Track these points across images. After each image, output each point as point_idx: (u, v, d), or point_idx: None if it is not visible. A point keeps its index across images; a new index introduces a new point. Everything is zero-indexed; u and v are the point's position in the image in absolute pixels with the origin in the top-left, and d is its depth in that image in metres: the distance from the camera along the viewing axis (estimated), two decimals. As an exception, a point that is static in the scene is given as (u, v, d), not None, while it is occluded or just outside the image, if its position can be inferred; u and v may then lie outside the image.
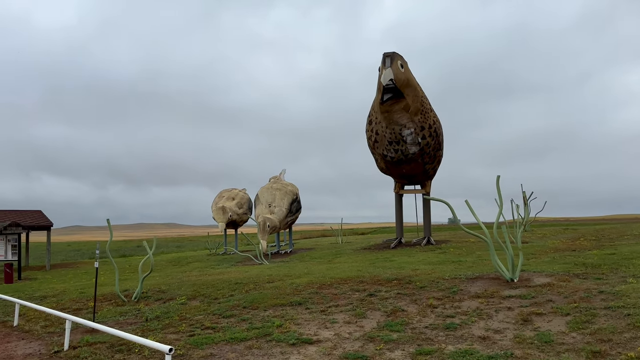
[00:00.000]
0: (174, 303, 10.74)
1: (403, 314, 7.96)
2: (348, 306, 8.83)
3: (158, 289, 12.88)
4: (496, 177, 9.88)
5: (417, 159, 19.66)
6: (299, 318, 8.28)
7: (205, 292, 11.54)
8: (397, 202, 22.73)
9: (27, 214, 25.22)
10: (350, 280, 11.14)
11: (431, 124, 19.29)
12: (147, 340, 5.92)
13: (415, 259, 15.31)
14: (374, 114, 19.66)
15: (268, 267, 17.12)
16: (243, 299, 10.17)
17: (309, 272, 13.45)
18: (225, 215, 27.12)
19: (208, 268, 19.42)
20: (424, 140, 19.13)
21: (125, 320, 9.58)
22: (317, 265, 15.93)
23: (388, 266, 13.59)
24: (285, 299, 9.78)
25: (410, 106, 18.39)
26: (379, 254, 18.15)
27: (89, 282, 17.43)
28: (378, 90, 18.43)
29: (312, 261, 18.36)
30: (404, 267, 12.87)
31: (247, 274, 14.69)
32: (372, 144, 20.04)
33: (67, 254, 43.61)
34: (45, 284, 17.99)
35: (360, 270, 12.98)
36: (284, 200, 24.31)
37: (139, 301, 11.55)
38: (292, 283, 11.38)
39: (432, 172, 21.42)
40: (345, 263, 16.03)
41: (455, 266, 12.63)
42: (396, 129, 18.78)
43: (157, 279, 15.90)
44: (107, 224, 11.77)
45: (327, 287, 10.64)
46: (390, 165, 20.08)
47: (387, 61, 17.28)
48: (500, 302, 8.21)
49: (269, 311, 9.00)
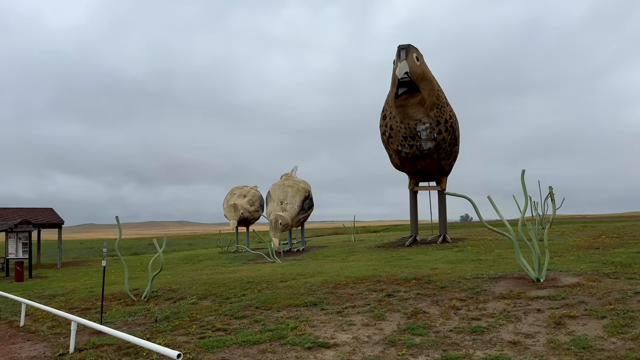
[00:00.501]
0: (184, 303, 10.40)
1: (425, 316, 7.51)
2: (365, 307, 8.40)
3: (168, 288, 12.57)
4: (521, 171, 9.37)
5: (432, 155, 19.14)
6: (314, 320, 7.87)
7: (216, 292, 11.19)
8: (411, 199, 22.22)
9: (38, 211, 25.16)
10: (366, 280, 10.70)
11: (447, 118, 18.75)
12: (155, 345, 5.56)
13: (433, 257, 14.82)
14: (388, 108, 19.17)
15: (280, 265, 16.75)
16: (255, 299, 9.79)
17: (322, 271, 13.04)
18: (237, 212, 26.82)
19: (219, 266, 19.11)
20: (440, 135, 18.60)
21: (134, 321, 9.26)
22: (330, 264, 15.51)
23: (405, 265, 13.14)
24: (299, 299, 9.38)
25: (425, 100, 17.87)
26: (394, 252, 17.68)
27: (99, 280, 17.22)
28: (392, 84, 17.94)
29: (325, 259, 17.96)
30: (422, 266, 12.40)
31: (259, 272, 14.33)
32: (386, 140, 19.56)
33: (80, 252, 43.74)
34: (55, 282, 17.82)
35: (376, 269, 12.54)
36: (296, 197, 23.93)
37: (149, 301, 11.24)
38: (306, 282, 10.98)
39: (448, 168, 20.87)
40: (360, 261, 15.60)
41: (475, 265, 12.13)
42: (411, 124, 18.28)
43: (167, 277, 15.61)
44: (121, 222, 11.48)
45: (343, 286, 10.21)
46: (405, 161, 19.58)
47: (402, 54, 16.78)
48: (528, 303, 7.72)
49: (283, 312, 8.61)
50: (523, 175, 9.35)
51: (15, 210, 24.41)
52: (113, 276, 18.60)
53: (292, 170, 27.93)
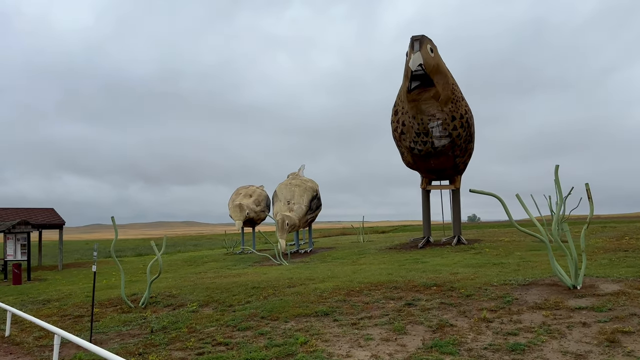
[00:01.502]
0: (184, 310, 9.58)
1: (452, 330, 6.63)
2: (383, 318, 7.53)
3: (168, 293, 11.76)
4: (555, 167, 8.45)
5: (447, 152, 18.22)
6: (326, 333, 7.01)
7: (219, 298, 10.36)
8: (424, 198, 21.32)
9: (38, 212, 24.49)
10: (381, 286, 9.83)
11: (462, 113, 17.83)
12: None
13: (450, 260, 13.91)
14: (400, 103, 18.27)
15: (287, 268, 15.90)
16: (261, 307, 8.95)
17: (333, 275, 12.18)
18: (243, 213, 26.02)
19: (224, 269, 18.30)
20: (455, 131, 17.68)
21: (129, 331, 8.45)
22: (341, 267, 14.65)
23: (421, 269, 12.24)
24: (309, 307, 8.52)
25: (440, 94, 16.97)
26: (408, 255, 16.78)
27: (98, 284, 16.46)
28: (405, 78, 17.05)
29: (335, 262, 17.09)
30: (441, 271, 11.50)
31: (266, 276, 13.49)
32: (398, 136, 18.66)
33: (84, 253, 43.14)
34: (53, 285, 17.08)
35: (390, 273, 11.66)
36: (304, 197, 23.09)
37: (147, 307, 10.44)
38: (316, 288, 10.12)
39: (463, 166, 19.95)
40: (372, 264, 14.72)
41: (498, 269, 11.21)
42: (425, 120, 17.38)
43: (169, 280, 14.82)
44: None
45: (356, 293, 9.34)
46: (418, 158, 18.67)
47: (416, 45, 15.89)
48: (570, 315, 6.82)
49: (291, 323, 7.76)
50: (557, 171, 8.43)
51: (15, 211, 23.76)
52: (113, 279, 17.85)
53: (299, 169, 27.09)
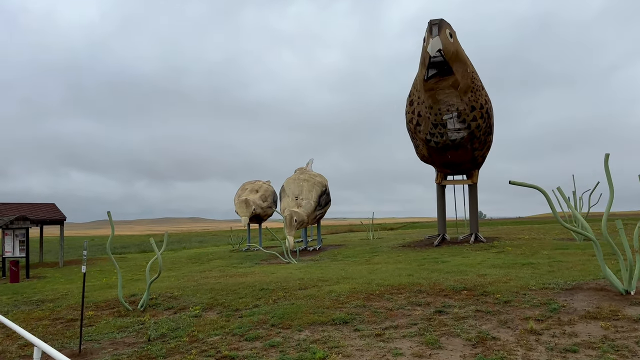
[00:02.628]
0: (185, 315, 8.68)
1: (496, 345, 5.67)
2: (412, 328, 6.58)
3: (170, 294, 10.88)
4: (605, 155, 7.45)
5: (465, 145, 17.21)
6: (347, 345, 6.08)
7: (224, 301, 9.46)
8: (438, 194, 20.32)
9: (39, 207, 23.73)
10: (404, 289, 8.88)
11: (483, 103, 16.79)
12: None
13: (472, 260, 12.93)
14: (415, 93, 17.26)
15: (297, 267, 14.99)
16: (271, 313, 8.03)
17: (347, 276, 11.24)
18: (249, 208, 25.13)
19: (230, 267, 17.42)
20: (475, 122, 16.65)
21: (123, 339, 7.56)
22: (354, 266, 13.71)
23: (443, 269, 11.27)
24: (324, 314, 7.59)
25: (459, 83, 15.94)
26: (425, 253, 15.81)
27: (98, 282, 15.63)
28: (422, 65, 16.03)
29: (347, 260, 16.15)
30: (466, 272, 10.53)
31: (274, 275, 12.58)
32: (413, 128, 17.65)
33: (88, 249, 42.53)
34: (50, 284, 16.27)
35: (411, 274, 10.70)
36: (312, 192, 22.16)
37: (145, 310, 9.55)
38: (331, 291, 9.18)
39: (481, 159, 18.93)
40: (387, 264, 13.77)
41: (531, 271, 10.22)
42: (443, 110, 16.37)
43: (171, 280, 13.94)
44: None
45: (377, 298, 8.40)
46: (434, 151, 17.66)
47: (435, 29, 14.86)
48: (635, 327, 5.84)
49: (306, 332, 6.83)
50: (607, 160, 7.43)
51: (15, 206, 23.02)
52: (114, 277, 17.02)
53: (307, 164, 26.14)
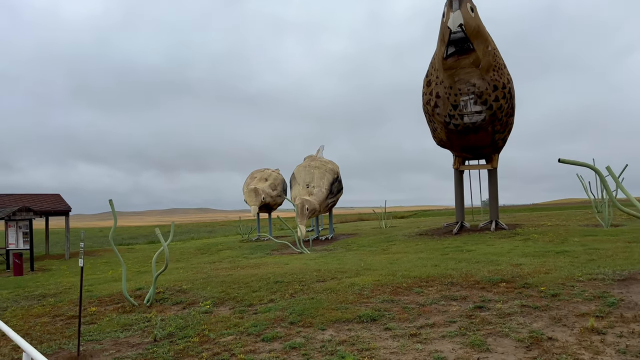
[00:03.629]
0: (195, 311, 7.98)
1: (554, 347, 4.89)
2: (450, 326, 5.81)
3: (178, 288, 10.19)
4: None
5: (486, 127, 16.30)
6: (379, 347, 5.32)
7: (236, 295, 8.75)
8: (456, 179, 19.46)
9: (43, 198, 23.17)
10: (433, 281, 8.10)
11: (505, 82, 15.86)
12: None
13: (500, 248, 12.12)
14: (433, 72, 16.34)
15: (311, 257, 14.26)
16: (289, 308, 7.30)
17: (367, 267, 10.48)
18: (258, 197, 24.43)
19: (240, 257, 16.75)
20: (497, 102, 15.73)
21: (127, 339, 6.86)
22: (372, 256, 12.95)
23: (471, 259, 10.48)
24: (349, 310, 6.84)
25: (480, 60, 15.02)
26: (445, 242, 15.02)
27: (104, 275, 15.02)
28: (441, 42, 15.10)
29: (363, 250, 15.40)
30: (498, 261, 9.72)
31: (288, 266, 11.86)
32: (431, 110, 16.75)
33: (96, 241, 42.11)
34: (55, 277, 15.68)
35: (437, 265, 9.92)
36: (324, 179, 21.38)
37: (152, 306, 8.87)
38: (353, 284, 8.43)
39: (502, 142, 18.01)
40: (407, 253, 13.00)
41: (568, 259, 9.40)
42: (463, 90, 15.46)
43: (180, 272, 13.28)
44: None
45: (405, 291, 7.63)
46: (454, 135, 16.77)
47: (455, 2, 13.92)
48: None
49: (330, 331, 6.09)
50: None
51: (18, 197, 22.47)
52: (120, 270, 16.37)
53: (317, 151, 25.34)
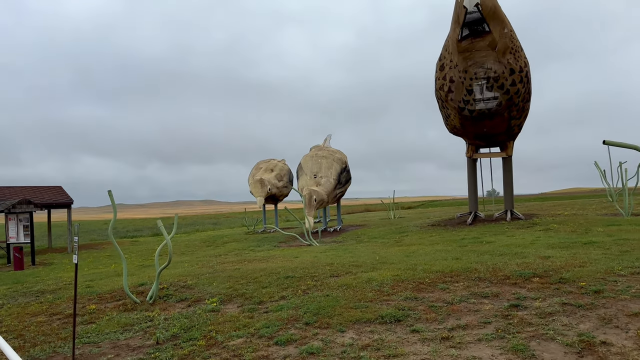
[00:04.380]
0: (201, 309, 7.42)
1: (610, 352, 4.28)
2: (486, 328, 5.21)
3: (183, 283, 9.65)
4: None
5: (502, 113, 15.61)
6: (408, 353, 4.73)
7: (245, 291, 8.18)
8: (469, 168, 18.79)
9: (44, 190, 22.69)
10: (457, 276, 7.50)
11: (522, 66, 15.13)
12: None
13: (521, 239, 11.50)
14: (447, 56, 15.62)
15: (320, 250, 13.69)
16: (303, 306, 6.72)
17: (383, 260, 9.88)
18: (264, 188, 23.85)
19: (247, 250, 16.21)
20: (514, 87, 15.02)
21: (127, 341, 6.31)
22: (385, 249, 12.36)
23: (494, 251, 9.86)
24: (369, 309, 6.25)
25: (497, 43, 14.30)
26: (460, 233, 14.40)
27: (106, 269, 14.52)
28: (455, 23, 14.38)
29: (374, 242, 14.82)
30: (523, 254, 9.10)
31: (298, 260, 11.30)
32: (445, 96, 16.04)
33: (100, 233, 41.79)
34: (55, 271, 15.20)
35: (458, 257, 9.31)
36: (332, 169, 20.77)
37: (155, 303, 8.33)
38: (370, 279, 7.84)
39: (518, 129, 17.32)
40: (422, 245, 12.40)
41: (601, 251, 8.77)
42: (479, 74, 14.75)
43: (184, 266, 12.74)
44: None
45: (428, 287, 7.03)
46: (468, 121, 16.08)
47: (471, -20, 13.20)
48: None
49: (350, 333, 5.50)
50: None
51: (19, 189, 21.99)
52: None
53: (325, 140, 24.70)
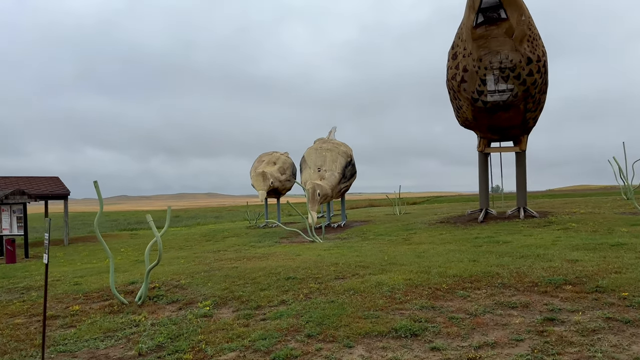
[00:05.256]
0: (192, 314, 6.70)
1: (679, 385, 3.52)
2: (519, 347, 4.46)
3: (176, 282, 8.94)
4: None
5: (518, 104, 14.78)
6: (429, 377, 3.99)
7: (241, 294, 7.46)
8: (481, 163, 17.97)
9: (40, 181, 22.04)
10: (478, 281, 6.74)
11: (540, 55, 14.27)
12: None
13: (539, 239, 10.72)
14: (460, 44, 14.76)
15: (324, 247, 12.96)
16: (305, 314, 5.99)
17: (392, 261, 9.13)
18: (266, 182, 23.12)
19: (247, 246, 15.50)
20: (531, 77, 14.17)
21: (107, 351, 5.60)
22: (394, 247, 11.61)
23: (512, 252, 9.09)
24: (380, 319, 5.51)
25: (514, 30, 13.45)
26: (473, 231, 13.63)
27: (99, 264, 13.84)
28: (470, 9, 13.52)
29: (381, 240, 14.07)
30: (547, 256, 8.33)
31: (300, 258, 10.57)
32: (457, 86, 15.19)
33: (101, 225, 41.23)
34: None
35: (474, 259, 8.54)
36: (336, 163, 20.03)
37: (144, 304, 7.62)
38: (379, 283, 7.09)
39: (533, 122, 16.48)
40: (433, 244, 11.64)
41: (633, 254, 7.99)
42: (494, 62, 13.91)
43: (180, 262, 12.03)
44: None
45: (446, 294, 6.28)
46: (482, 113, 15.25)
47: (489, -38, 12.34)
48: None
49: (359, 349, 4.76)
50: None
51: (14, 180, 21.34)
52: (118, 257, 15.20)
53: (329, 132, 23.92)
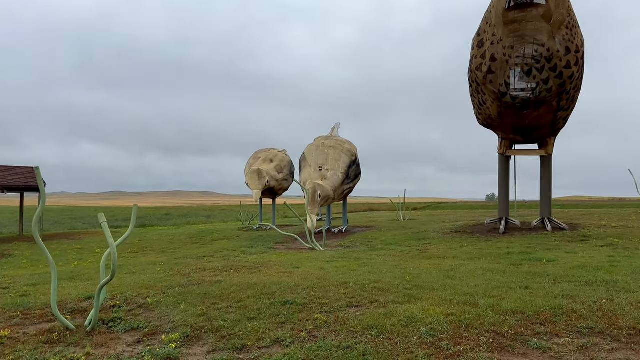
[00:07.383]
0: (151, 354, 4.82)
1: None
2: None
3: (142, 300, 7.04)
4: None
5: (551, 101, 13.00)
6: None
7: (222, 323, 5.59)
8: (501, 166, 16.16)
9: (15, 171, 20.08)
10: (550, 323, 4.89)
11: (579, 45, 12.51)
12: None
13: (589, 259, 8.88)
14: (488, 30, 12.97)
15: (327, 257, 11.10)
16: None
17: (417, 282, 7.27)
18: (262, 180, 21.25)
19: (237, 252, 13.62)
20: (568, 70, 12.40)
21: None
22: (411, 262, 9.75)
23: (568, 277, 7.25)
24: (424, 383, 3.66)
25: (552, 14, 11.69)
26: (499, 244, 11.79)
27: (65, 267, 11.89)
28: (503, -12, 11.76)
29: (392, 250, 12.21)
30: (622, 284, 6.49)
31: (299, 272, 8.71)
32: (483, 78, 13.37)
33: (87, 221, 39.19)
34: (6, 267, 12.59)
35: (527, 286, 6.68)
36: (339, 161, 18.20)
37: (94, 331, 5.73)
38: (411, 319, 5.22)
39: (562, 123, 14.68)
40: (459, 260, 9.79)
41: None
42: (529, 50, 12.13)
43: (156, 270, 10.13)
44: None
45: (514, 343, 4.42)
46: (509, 109, 13.45)
47: None
48: None
49: None
50: None
51: (-11, 169, 19.40)
52: (90, 260, 13.25)
53: (332, 128, 22.08)
